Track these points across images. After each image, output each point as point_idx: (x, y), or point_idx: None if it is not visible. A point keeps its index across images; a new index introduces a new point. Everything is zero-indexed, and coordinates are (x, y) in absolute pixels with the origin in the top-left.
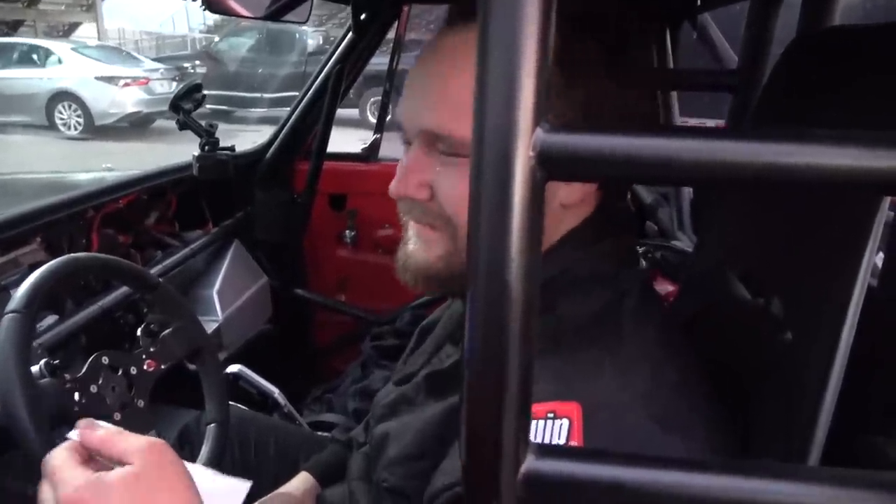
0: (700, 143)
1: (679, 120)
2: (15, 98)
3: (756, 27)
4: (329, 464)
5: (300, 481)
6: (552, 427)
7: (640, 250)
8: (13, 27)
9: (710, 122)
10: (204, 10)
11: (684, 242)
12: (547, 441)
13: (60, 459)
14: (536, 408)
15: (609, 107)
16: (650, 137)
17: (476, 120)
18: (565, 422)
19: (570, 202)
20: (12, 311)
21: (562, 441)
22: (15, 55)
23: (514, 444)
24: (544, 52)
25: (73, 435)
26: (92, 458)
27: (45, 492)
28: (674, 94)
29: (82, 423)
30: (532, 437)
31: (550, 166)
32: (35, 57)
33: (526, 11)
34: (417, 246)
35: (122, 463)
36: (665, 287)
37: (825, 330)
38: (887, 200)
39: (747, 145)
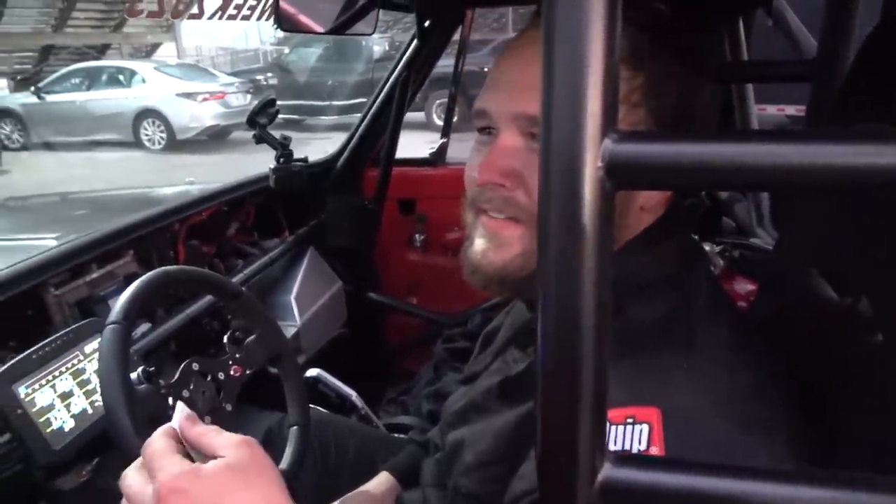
0: (774, 147)
1: (755, 110)
2: (105, 117)
3: (836, 11)
4: (408, 464)
5: (380, 481)
6: (632, 432)
7: (718, 249)
8: (101, 51)
9: (791, 109)
10: (276, 28)
11: (763, 239)
12: (627, 447)
13: (159, 447)
14: (614, 413)
15: (699, 105)
16: (721, 143)
17: (543, 130)
18: (645, 427)
19: (650, 205)
20: (113, 323)
21: (642, 447)
22: (104, 77)
23: (591, 452)
24: (611, 59)
25: (174, 422)
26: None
27: (137, 477)
28: (749, 86)
29: (182, 413)
30: (612, 443)
31: (619, 176)
32: (122, 78)
33: (591, 20)
34: (490, 246)
35: (214, 456)
36: (745, 286)
37: None
38: None
39: (824, 147)
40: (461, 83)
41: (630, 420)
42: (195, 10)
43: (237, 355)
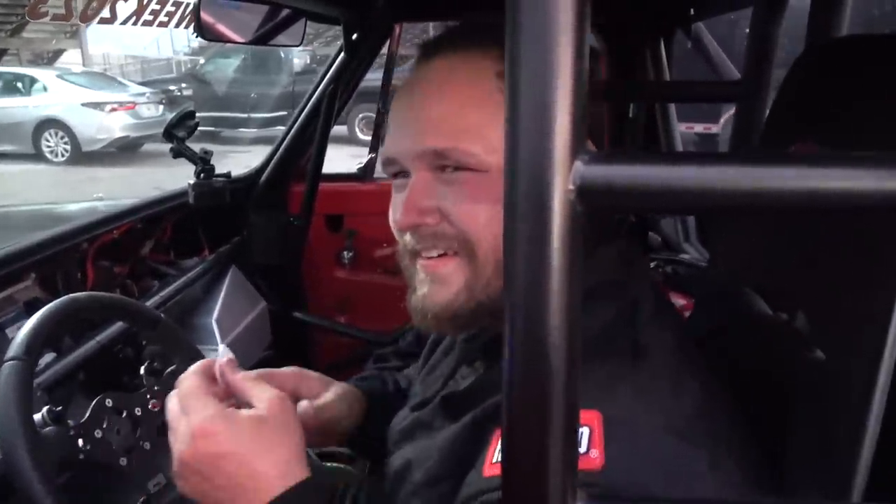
0: (755, 170)
1: (678, 129)
2: (1, 127)
3: (760, 35)
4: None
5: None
6: None
7: (651, 265)
8: None
9: (699, 127)
10: (197, 37)
11: (691, 255)
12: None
13: (192, 385)
14: None
15: (598, 128)
16: (699, 165)
17: (509, 153)
18: (586, 430)
19: None
20: (13, 359)
21: (582, 449)
22: None
23: (562, 489)
24: (579, 79)
25: (221, 358)
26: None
27: (176, 407)
28: (671, 106)
29: (224, 356)
30: None
31: (591, 199)
32: (20, 85)
33: (558, 36)
34: (432, 287)
35: (248, 406)
36: (677, 301)
37: (866, 350)
38: None
39: (814, 171)
40: (389, 98)
41: None
42: (106, 14)
43: (155, 387)
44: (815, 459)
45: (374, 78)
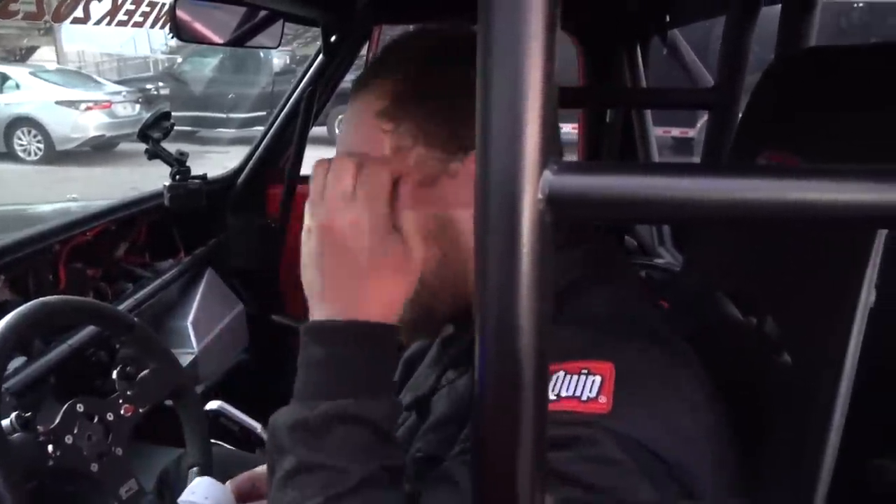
0: (727, 182)
1: (654, 134)
2: None
3: (732, 44)
4: None
5: None
6: (584, 382)
7: None
8: None
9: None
10: (173, 37)
11: (666, 259)
12: (577, 394)
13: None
14: (570, 365)
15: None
16: (669, 176)
17: (479, 163)
18: (598, 378)
19: None
20: None
21: (592, 394)
22: None
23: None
24: (549, 89)
25: None
26: None
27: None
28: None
29: None
30: (564, 390)
31: (560, 209)
32: None
33: (528, 47)
34: None
35: None
36: None
37: (830, 353)
38: None
39: (787, 182)
40: None
41: (585, 371)
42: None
43: (128, 392)
44: (784, 463)
45: (353, 79)
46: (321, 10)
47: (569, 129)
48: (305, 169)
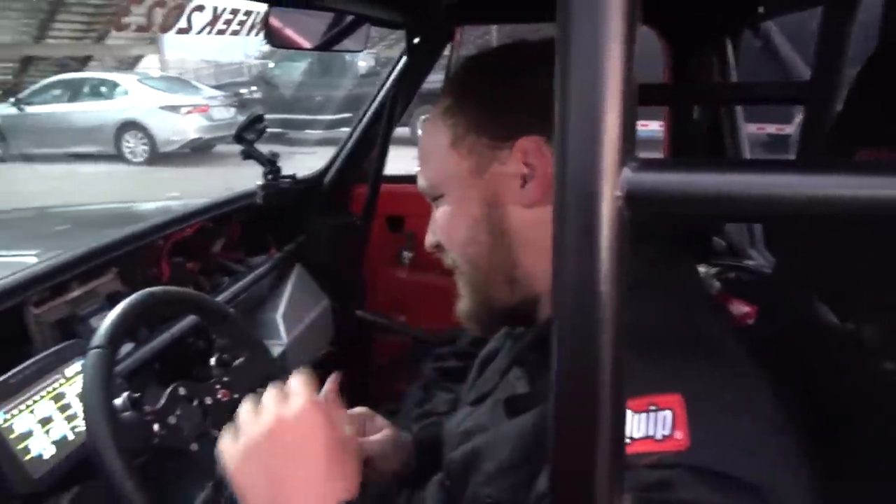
0: (805, 178)
1: (745, 132)
2: (86, 130)
3: (830, 34)
4: (426, 435)
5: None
6: (654, 419)
7: (713, 271)
8: (83, 62)
9: (771, 128)
10: (266, 44)
11: (757, 261)
12: (651, 433)
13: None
14: (634, 403)
15: None
16: (747, 173)
17: (558, 161)
18: (668, 413)
19: None
20: (97, 347)
21: (666, 432)
22: (86, 89)
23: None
24: (629, 86)
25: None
26: None
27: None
28: (738, 108)
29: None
30: (635, 431)
31: (638, 206)
32: (104, 90)
33: (608, 44)
34: (461, 294)
35: None
36: (740, 309)
37: None
38: None
39: (864, 179)
40: None
41: (652, 407)
42: (184, 24)
43: (224, 379)
44: (880, 475)
45: (436, 80)
46: (404, 13)
47: (655, 127)
48: (390, 168)
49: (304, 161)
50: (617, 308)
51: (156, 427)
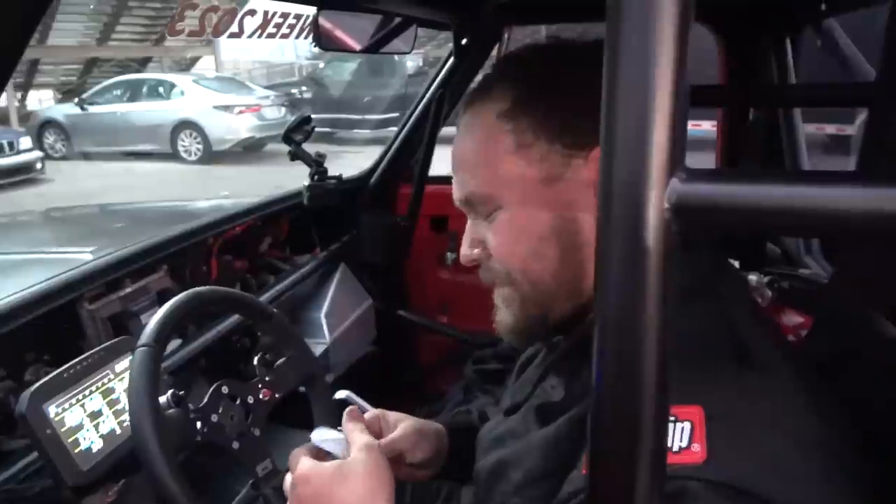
0: (860, 190)
1: (804, 134)
2: (144, 129)
3: None
4: (461, 422)
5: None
6: (673, 430)
7: (766, 279)
8: (143, 63)
9: (831, 128)
10: (315, 46)
11: (813, 269)
12: (668, 444)
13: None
14: None
15: None
16: (798, 185)
17: (604, 167)
18: (687, 424)
19: None
20: (144, 346)
21: (683, 444)
22: (144, 89)
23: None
24: (680, 93)
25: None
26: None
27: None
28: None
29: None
30: None
31: (687, 218)
32: (161, 90)
33: (659, 46)
34: (499, 311)
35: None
36: (794, 319)
37: None
38: None
39: None
40: None
41: (672, 418)
42: (235, 28)
43: (267, 378)
44: None
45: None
46: (452, 14)
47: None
48: (436, 169)
49: (353, 160)
50: (662, 323)
51: (199, 424)
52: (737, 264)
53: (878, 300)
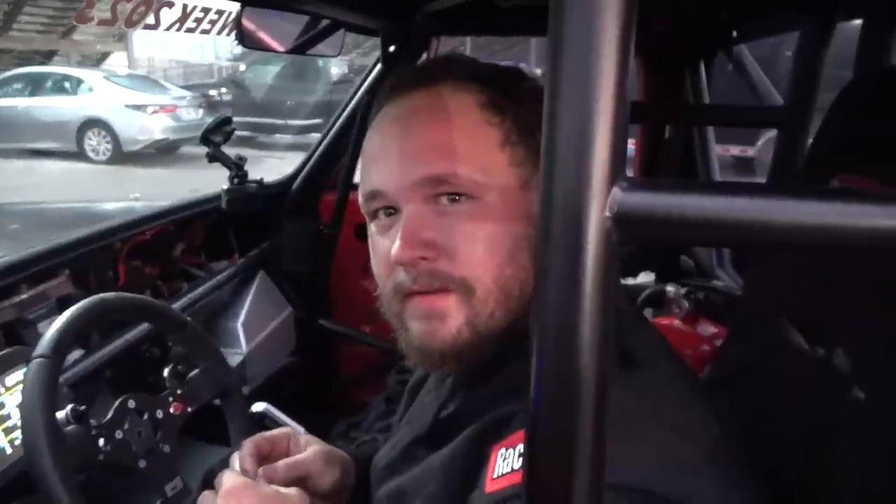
0: (817, 206)
1: (716, 151)
2: (47, 125)
3: (806, 60)
4: (362, 454)
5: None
6: None
7: (683, 290)
8: (48, 56)
9: (735, 149)
10: (238, 44)
11: (725, 281)
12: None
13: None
14: (518, 437)
15: None
16: (748, 197)
17: (544, 178)
18: None
19: None
20: (40, 357)
21: None
22: (48, 84)
23: None
24: (622, 101)
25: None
26: None
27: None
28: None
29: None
30: (516, 464)
31: (628, 228)
32: (68, 85)
33: (602, 58)
34: (432, 324)
35: None
36: (708, 329)
37: None
38: None
39: (880, 209)
40: None
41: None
42: (151, 20)
43: (178, 391)
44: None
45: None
46: (381, 20)
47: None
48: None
49: (275, 165)
50: (603, 335)
51: (101, 442)
52: (653, 276)
53: (790, 310)
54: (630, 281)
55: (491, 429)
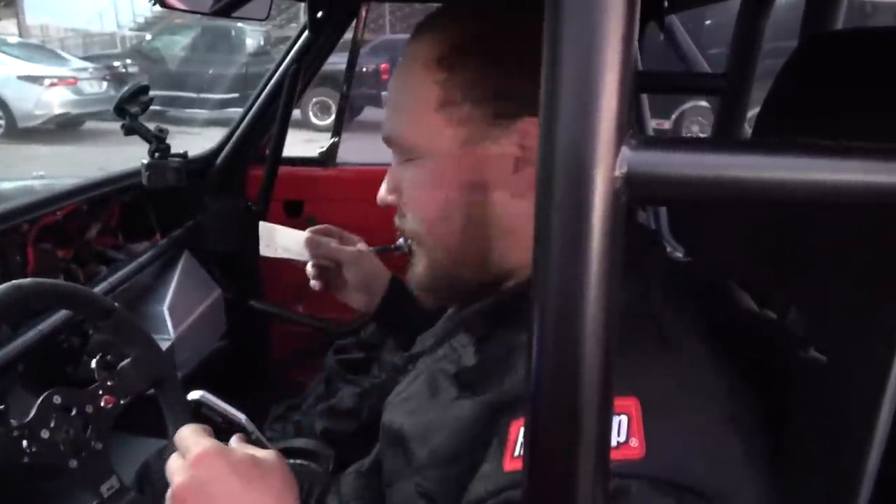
0: (833, 162)
1: (651, 123)
2: None
3: (746, 28)
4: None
5: None
6: None
7: None
8: None
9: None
10: (154, 4)
11: (667, 247)
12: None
13: (192, 431)
14: None
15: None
16: (770, 154)
17: (544, 133)
18: (624, 418)
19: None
20: None
21: (621, 438)
22: None
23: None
24: (629, 54)
25: None
26: None
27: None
28: (644, 96)
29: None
30: None
31: (638, 188)
32: None
33: (607, 6)
34: (411, 266)
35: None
36: None
37: (872, 350)
38: None
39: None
40: (335, 82)
41: None
42: None
43: (108, 383)
44: (816, 467)
45: (332, 62)
46: None
47: None
48: (289, 150)
49: (191, 141)
50: (609, 303)
51: (24, 443)
52: None
53: (737, 274)
54: None
55: (513, 402)
